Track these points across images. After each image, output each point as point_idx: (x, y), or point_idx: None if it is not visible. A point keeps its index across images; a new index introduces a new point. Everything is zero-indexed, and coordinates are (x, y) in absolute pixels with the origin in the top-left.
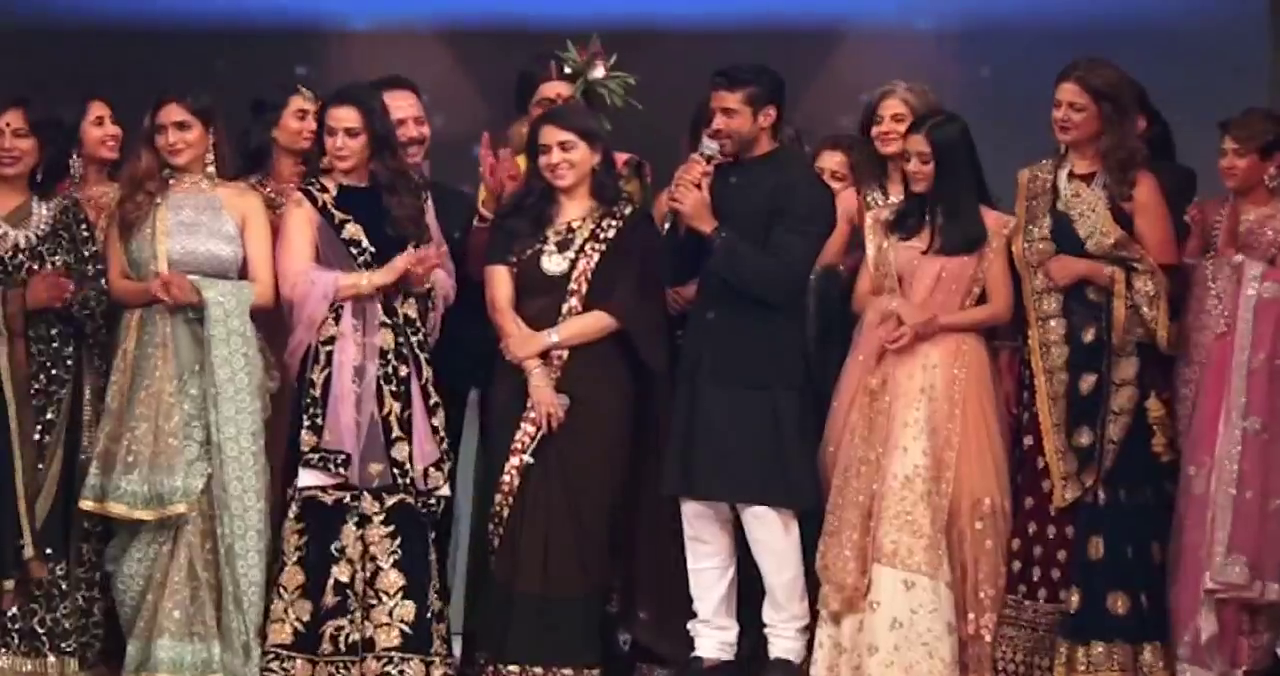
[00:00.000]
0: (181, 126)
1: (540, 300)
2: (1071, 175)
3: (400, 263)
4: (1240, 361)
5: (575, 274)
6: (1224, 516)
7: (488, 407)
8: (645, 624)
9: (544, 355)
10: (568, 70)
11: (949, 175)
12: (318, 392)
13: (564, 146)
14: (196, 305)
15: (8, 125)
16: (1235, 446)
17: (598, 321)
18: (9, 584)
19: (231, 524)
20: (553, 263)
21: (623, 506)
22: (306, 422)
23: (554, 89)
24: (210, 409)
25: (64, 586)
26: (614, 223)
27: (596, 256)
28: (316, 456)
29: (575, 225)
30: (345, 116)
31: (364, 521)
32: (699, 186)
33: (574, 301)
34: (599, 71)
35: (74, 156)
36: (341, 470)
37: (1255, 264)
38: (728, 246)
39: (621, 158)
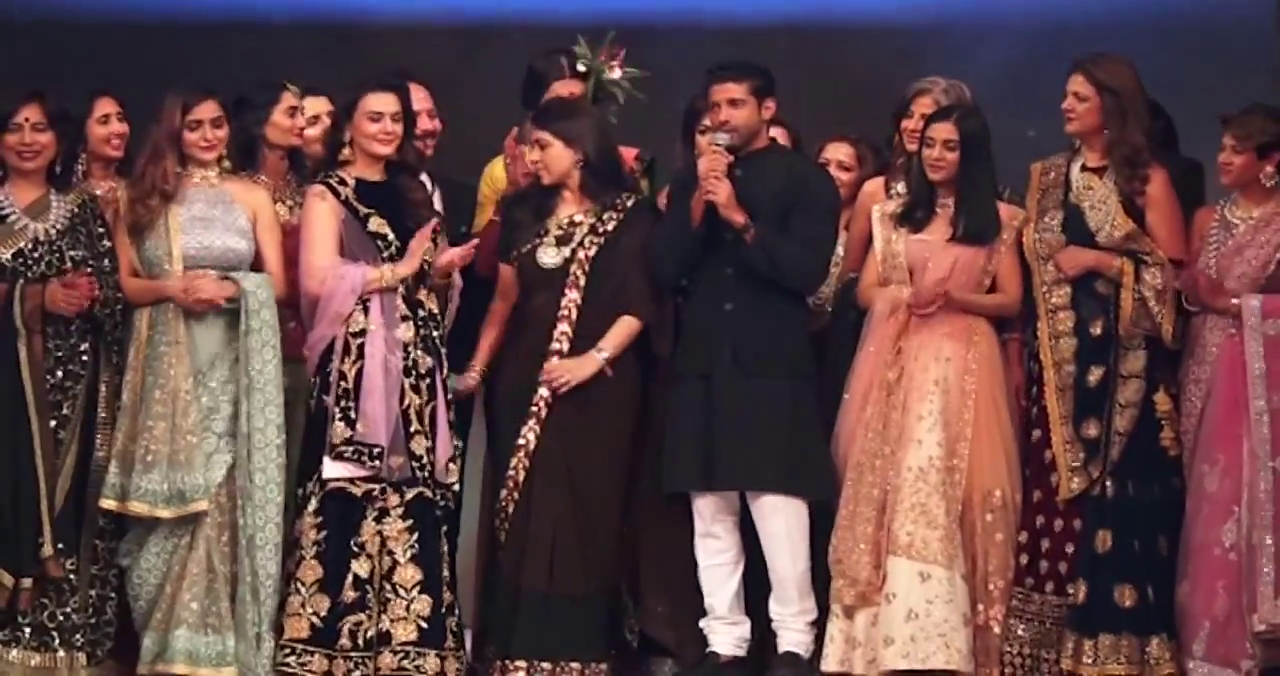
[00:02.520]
0: (216, 123)
1: (541, 295)
2: (1084, 168)
3: (415, 246)
4: (1258, 403)
5: (572, 266)
6: (1270, 562)
7: (493, 402)
8: (657, 615)
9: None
10: (580, 68)
11: (973, 165)
12: (350, 385)
13: (539, 145)
14: (233, 298)
15: (26, 119)
16: (1267, 489)
17: (629, 326)
18: (26, 582)
19: (254, 515)
20: (548, 256)
21: (629, 500)
22: (339, 415)
23: (566, 88)
24: (242, 399)
25: (74, 581)
26: (614, 215)
27: (595, 248)
28: (350, 449)
29: (576, 220)
30: (391, 102)
31: (382, 515)
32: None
33: (573, 294)
34: (615, 73)
35: (81, 152)
36: (375, 462)
37: (1252, 302)
38: (761, 237)
39: (631, 153)
